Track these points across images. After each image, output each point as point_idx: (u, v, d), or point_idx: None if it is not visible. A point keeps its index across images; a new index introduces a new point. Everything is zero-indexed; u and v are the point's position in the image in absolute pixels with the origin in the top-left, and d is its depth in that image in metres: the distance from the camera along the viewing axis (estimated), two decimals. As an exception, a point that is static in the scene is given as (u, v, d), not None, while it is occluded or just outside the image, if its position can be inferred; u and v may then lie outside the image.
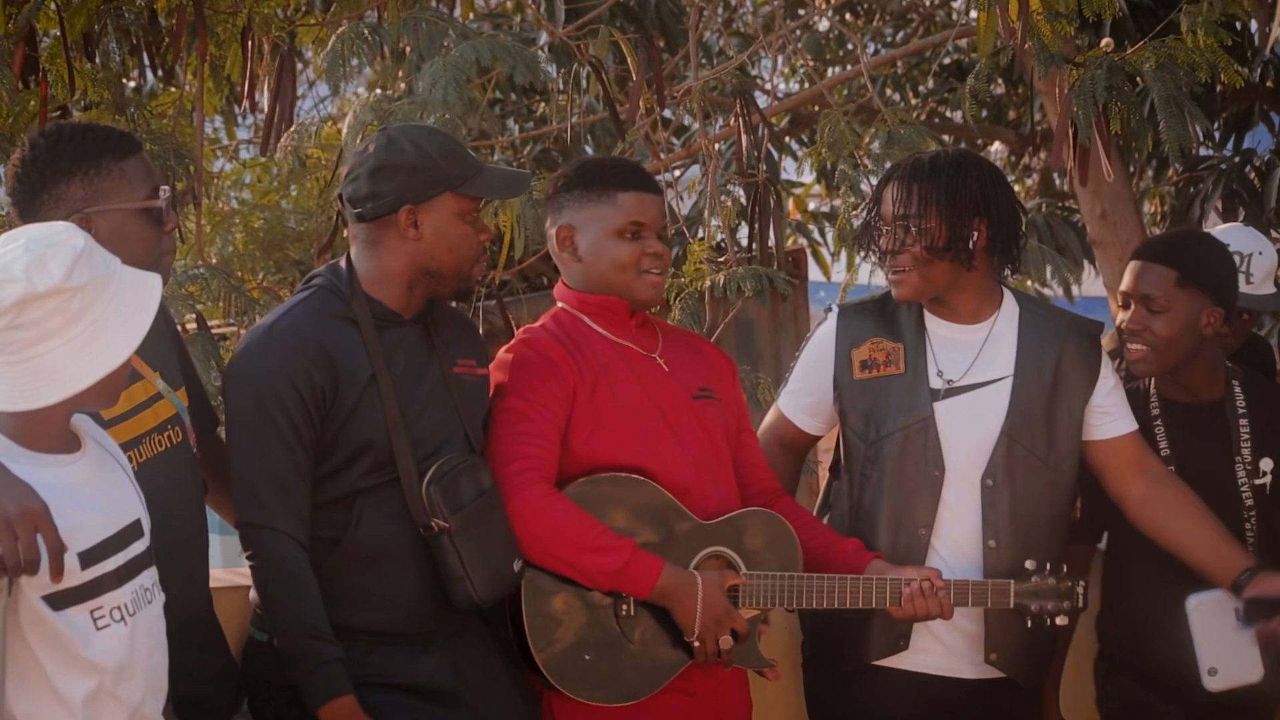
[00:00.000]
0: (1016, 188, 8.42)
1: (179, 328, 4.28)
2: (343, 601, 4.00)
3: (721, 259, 6.33)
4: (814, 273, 10.79)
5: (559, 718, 4.26)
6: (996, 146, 10.61)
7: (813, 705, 4.70)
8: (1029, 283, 9.84)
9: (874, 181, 6.19)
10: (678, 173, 8.60)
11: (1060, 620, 4.44)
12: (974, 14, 9.98)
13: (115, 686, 3.29)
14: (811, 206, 10.87)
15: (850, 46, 10.41)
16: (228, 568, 4.46)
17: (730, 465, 4.40)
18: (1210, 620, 4.58)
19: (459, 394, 4.17)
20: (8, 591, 3.16)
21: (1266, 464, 4.74)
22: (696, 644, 4.18)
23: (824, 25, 10.44)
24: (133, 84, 7.67)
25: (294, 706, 4.00)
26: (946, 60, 10.30)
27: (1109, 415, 4.59)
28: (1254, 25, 7.75)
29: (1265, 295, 5.15)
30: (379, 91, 5.31)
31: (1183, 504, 4.58)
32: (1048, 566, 4.43)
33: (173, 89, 5.99)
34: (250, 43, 5.41)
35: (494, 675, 4.18)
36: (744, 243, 6.77)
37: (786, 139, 10.07)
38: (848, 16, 10.54)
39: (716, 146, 6.96)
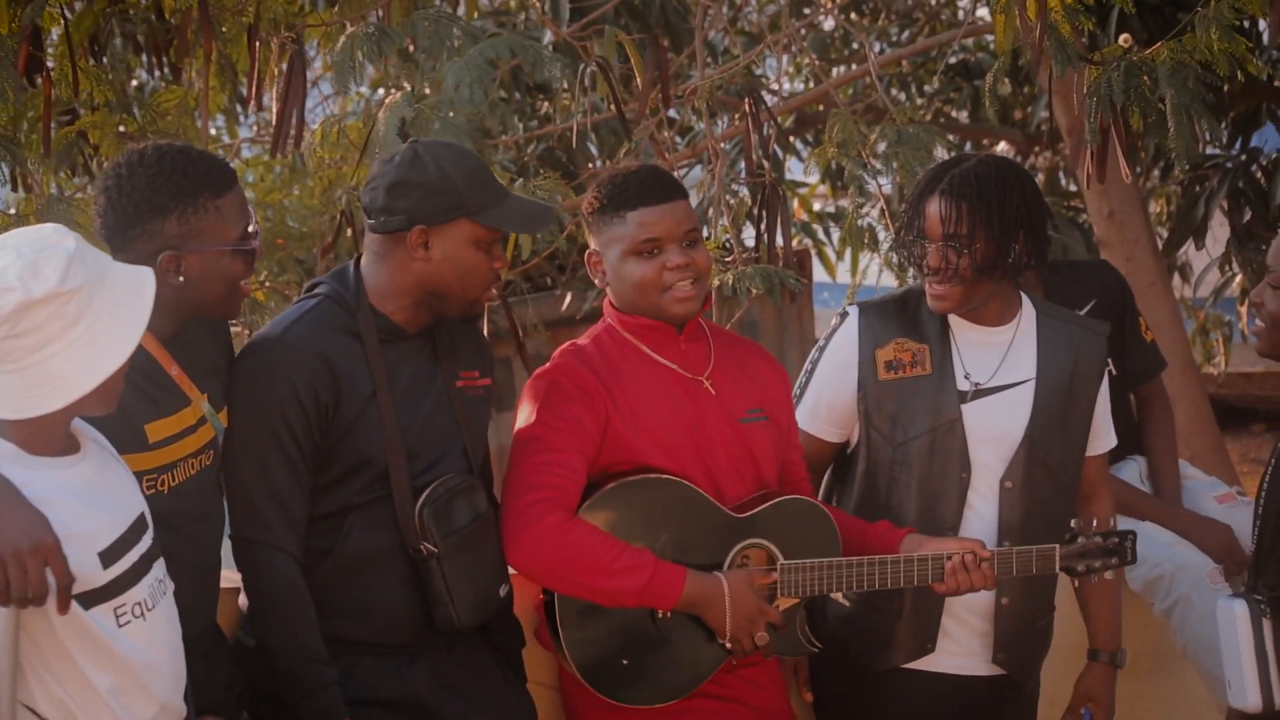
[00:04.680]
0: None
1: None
2: (329, 612, 3.97)
3: (729, 259, 6.30)
4: (818, 273, 10.78)
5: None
6: (1002, 146, 10.58)
7: (829, 707, 4.67)
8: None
9: (881, 182, 6.17)
10: (683, 173, 8.58)
11: (1108, 576, 4.43)
12: (981, 12, 10.01)
13: (143, 681, 3.30)
14: (816, 207, 10.85)
15: (856, 46, 10.39)
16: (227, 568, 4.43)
17: (775, 488, 4.35)
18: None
19: (460, 409, 4.13)
20: (14, 619, 3.16)
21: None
22: (729, 645, 4.16)
23: (829, 24, 10.41)
24: (135, 83, 7.65)
25: (279, 712, 3.99)
26: (952, 60, 10.28)
27: (1097, 427, 4.62)
28: (1261, 24, 7.74)
29: None
30: (398, 89, 5.27)
31: None
32: (1094, 523, 4.41)
33: (176, 87, 5.95)
34: (256, 41, 5.38)
35: (484, 682, 4.15)
36: (748, 243, 6.74)
37: (791, 139, 10.04)
38: (853, 15, 10.52)
39: (722, 146, 6.93)
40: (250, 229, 3.79)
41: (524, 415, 4.17)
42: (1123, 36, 5.38)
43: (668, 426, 4.20)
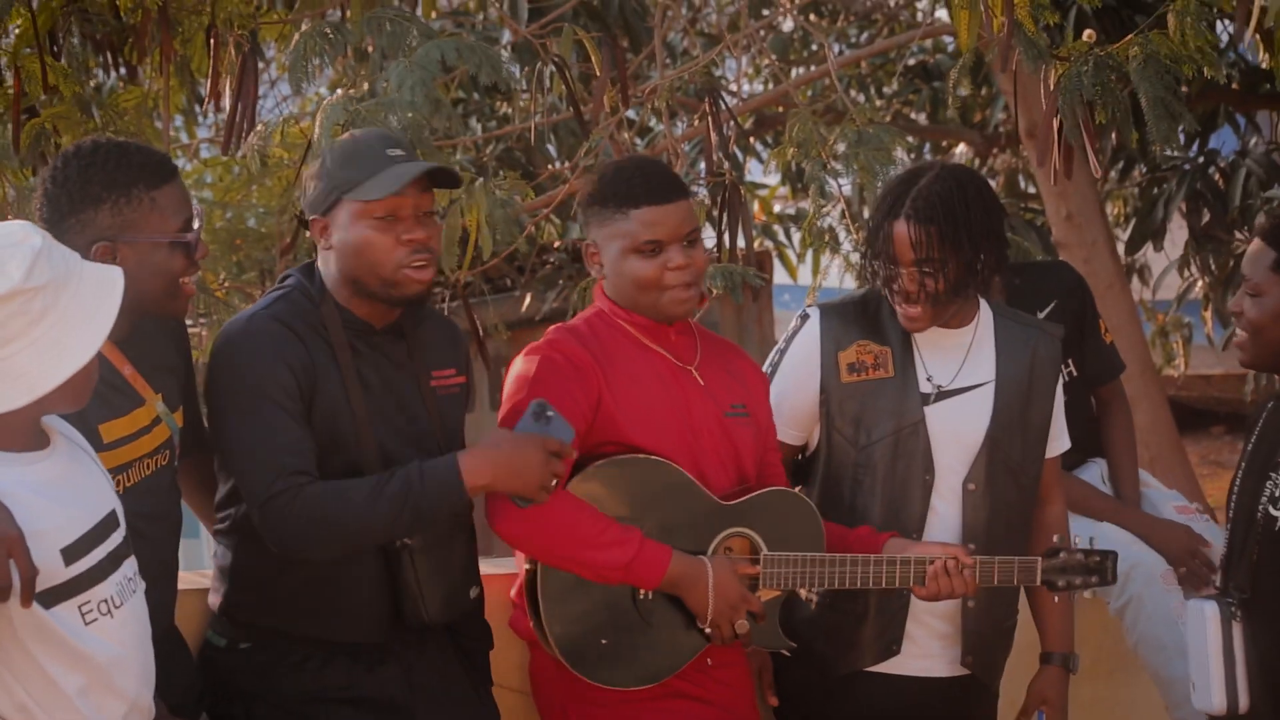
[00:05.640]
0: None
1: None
2: (302, 611, 3.96)
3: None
4: (778, 275, 10.79)
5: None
6: (961, 148, 10.61)
7: (792, 710, 4.64)
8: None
9: (841, 183, 6.16)
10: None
11: (1087, 594, 4.42)
12: (939, 14, 10.02)
13: (111, 679, 3.27)
14: (776, 209, 10.86)
15: (815, 47, 10.40)
16: (185, 570, 4.40)
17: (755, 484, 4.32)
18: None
19: (433, 408, 4.09)
20: None
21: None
22: (710, 630, 4.14)
23: (788, 25, 10.43)
24: (93, 83, 7.61)
25: (251, 711, 3.99)
26: (911, 61, 10.30)
27: (1052, 429, 4.62)
28: (1219, 27, 7.76)
29: None
30: (346, 91, 5.22)
31: None
32: (1075, 540, 4.40)
33: (135, 88, 5.92)
34: (214, 40, 5.35)
35: (451, 683, 4.13)
36: (708, 244, 6.73)
37: (751, 140, 10.05)
38: (812, 17, 10.53)
39: (682, 146, 6.93)
40: (193, 224, 3.77)
41: (514, 388, 4.13)
42: (1086, 32, 5.37)
43: (658, 410, 4.18)
